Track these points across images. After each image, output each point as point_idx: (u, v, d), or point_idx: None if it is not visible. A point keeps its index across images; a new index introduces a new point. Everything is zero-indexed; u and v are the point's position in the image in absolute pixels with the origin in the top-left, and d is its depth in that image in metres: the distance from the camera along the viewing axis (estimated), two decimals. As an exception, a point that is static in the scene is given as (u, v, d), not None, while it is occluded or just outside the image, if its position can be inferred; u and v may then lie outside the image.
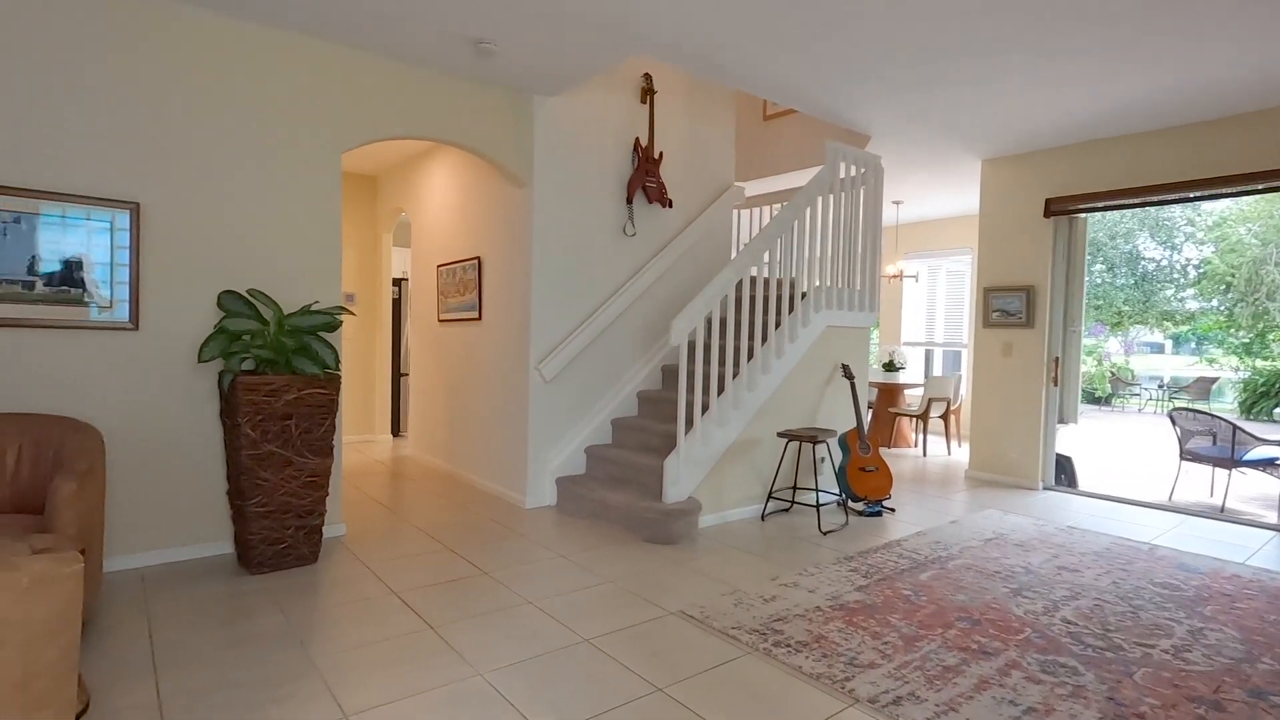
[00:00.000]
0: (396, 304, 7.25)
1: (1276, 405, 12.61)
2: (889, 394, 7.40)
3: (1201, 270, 14.36)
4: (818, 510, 4.12)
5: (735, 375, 4.42)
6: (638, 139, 4.79)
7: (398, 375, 7.26)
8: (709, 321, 5.18)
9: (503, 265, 4.72)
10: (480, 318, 5.00)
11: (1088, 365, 15.85)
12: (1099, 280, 15.68)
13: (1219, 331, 15.71)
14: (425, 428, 5.92)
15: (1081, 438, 9.37)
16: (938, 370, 9.39)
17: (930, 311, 9.26)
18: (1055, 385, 5.40)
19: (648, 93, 4.83)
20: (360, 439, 6.89)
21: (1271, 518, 4.91)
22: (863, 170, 4.92)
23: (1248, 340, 14.70)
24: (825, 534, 4.04)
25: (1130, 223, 14.88)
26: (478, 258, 5.00)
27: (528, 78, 4.10)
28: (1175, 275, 15.16)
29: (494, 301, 4.84)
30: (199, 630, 2.56)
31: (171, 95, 3.20)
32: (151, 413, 3.22)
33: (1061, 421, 5.61)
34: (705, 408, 4.36)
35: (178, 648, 2.42)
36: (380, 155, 6.19)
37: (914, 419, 7.12)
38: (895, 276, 7.78)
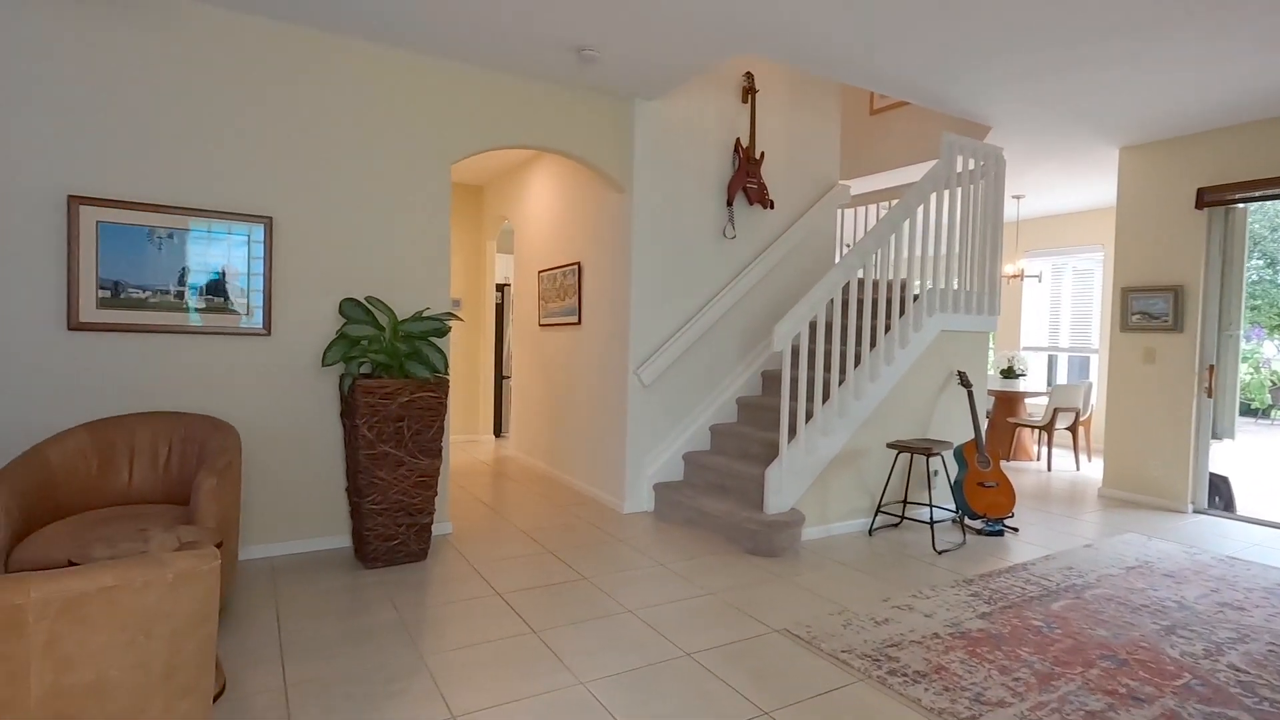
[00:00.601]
0: (500, 309, 7.49)
1: None
2: (1008, 403, 6.88)
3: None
4: (931, 527, 3.86)
5: (841, 382, 4.23)
6: (738, 139, 4.69)
7: (500, 378, 7.49)
8: (813, 326, 4.99)
9: (602, 270, 4.75)
10: (580, 322, 5.05)
11: (1244, 373, 14.16)
12: (1255, 277, 13.97)
13: None
14: (526, 429, 6.06)
15: (1240, 455, 8.37)
16: (1061, 378, 8.66)
17: (1054, 314, 8.55)
18: (1209, 396, 4.81)
19: (749, 92, 4.72)
20: (465, 439, 7.16)
21: None
22: (982, 164, 4.59)
23: None
24: (940, 553, 3.78)
25: (1296, 212, 13.13)
26: (577, 263, 5.06)
27: (629, 83, 4.09)
28: (1353, 271, 13.24)
29: (593, 306, 4.87)
30: (321, 621, 2.70)
31: (296, 114, 3.43)
32: (281, 413, 3.45)
33: (1216, 437, 5.00)
34: (809, 415, 4.20)
35: (302, 637, 2.55)
36: (485, 165, 6.40)
37: (1036, 430, 6.58)
38: (1015, 276, 7.23)
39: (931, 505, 3.98)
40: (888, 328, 4.53)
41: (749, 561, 3.55)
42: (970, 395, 4.40)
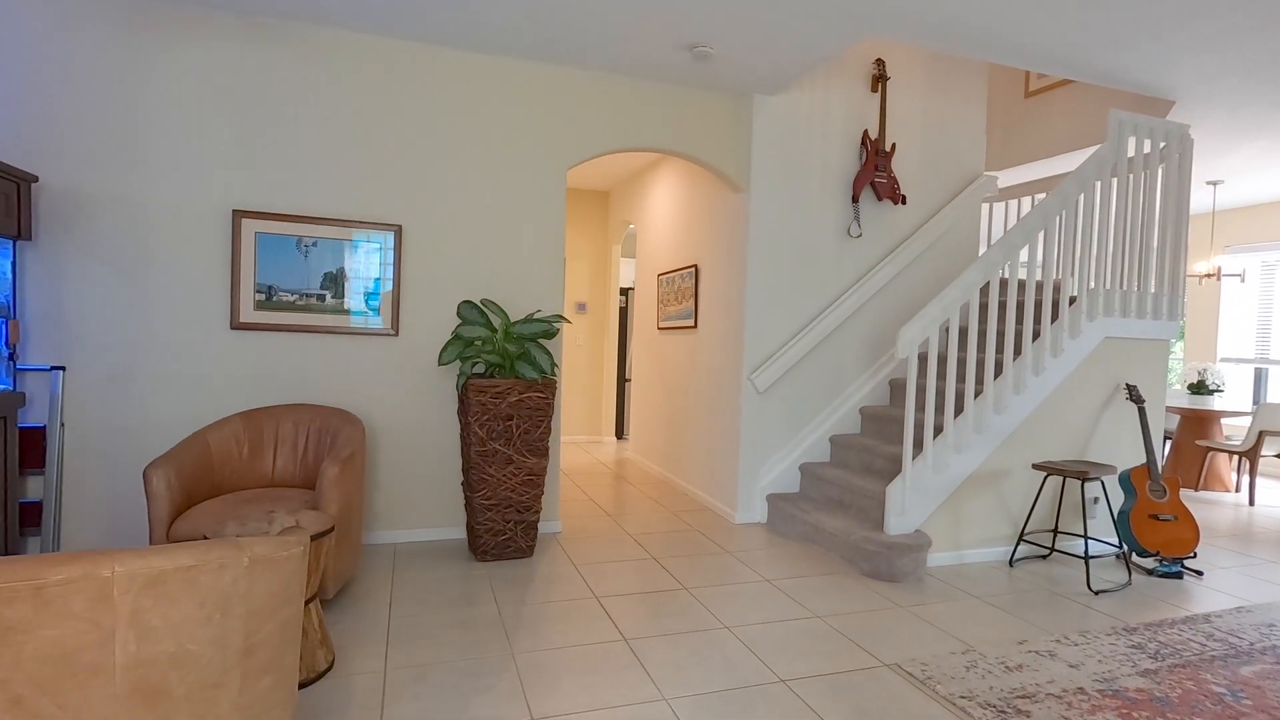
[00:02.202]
0: (624, 312, 7.58)
1: None
2: (1197, 423, 5.90)
3: None
4: (1086, 563, 3.36)
5: (979, 394, 3.81)
6: (865, 131, 4.39)
7: (623, 380, 7.57)
8: (947, 331, 4.55)
9: (719, 272, 4.64)
10: (696, 326, 4.96)
11: None
12: None
13: None
14: (644, 433, 6.07)
15: None
16: (1274, 395, 7.30)
17: (1263, 319, 7.24)
18: None
19: (879, 80, 4.40)
20: (588, 439, 7.31)
21: None
22: (1162, 145, 3.95)
23: None
24: (1097, 593, 3.28)
25: None
26: (694, 265, 4.98)
27: (746, 78, 3.96)
28: None
29: (709, 309, 4.77)
30: (429, 608, 2.82)
31: (422, 128, 3.64)
32: (407, 409, 3.67)
33: None
34: (940, 430, 3.82)
35: (409, 622, 2.68)
36: (610, 171, 6.50)
37: (1236, 456, 5.58)
38: (1210, 275, 6.20)
39: (1087, 537, 3.47)
40: (1037, 334, 4.03)
41: (865, 585, 3.29)
42: (1142, 412, 3.80)
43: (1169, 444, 6.22)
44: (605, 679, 2.29)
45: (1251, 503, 5.33)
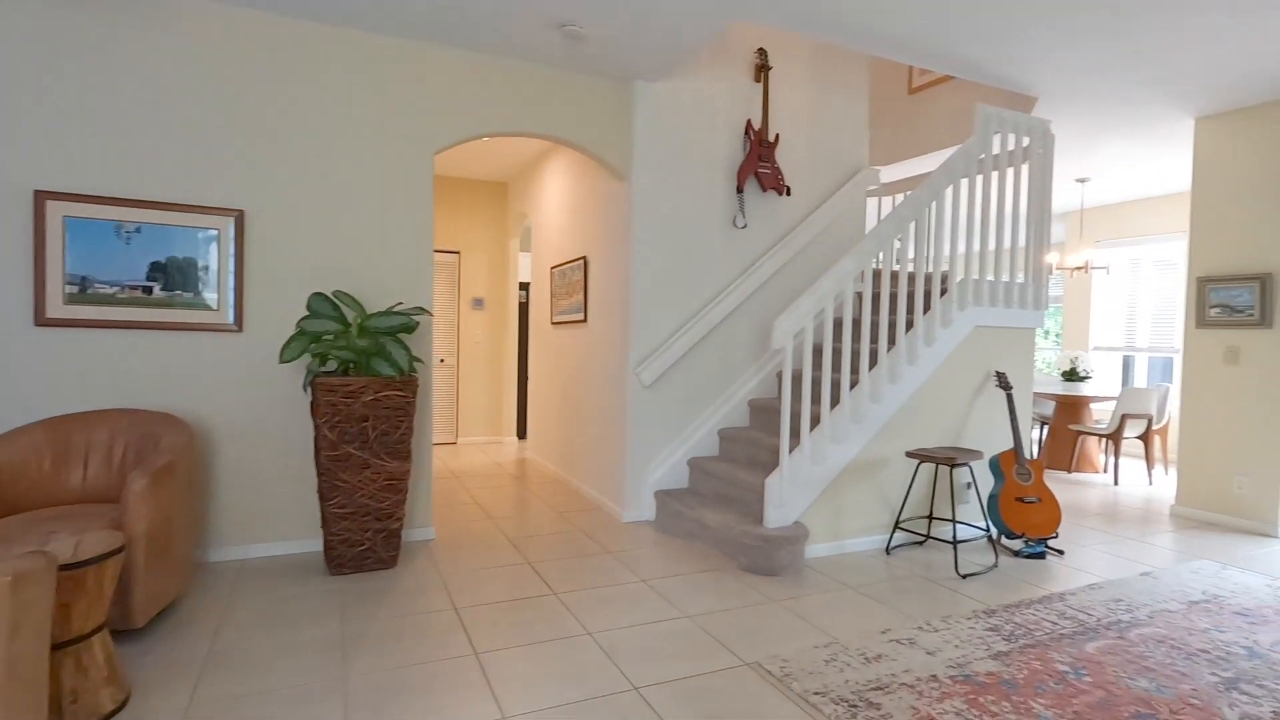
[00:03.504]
0: (524, 308, 7.35)
1: None
2: (1071, 408, 6.23)
3: None
4: (955, 548, 3.42)
5: (854, 384, 3.83)
6: (749, 121, 4.35)
7: (524, 378, 7.35)
8: (838, 323, 4.59)
9: (606, 264, 4.50)
10: (586, 320, 4.82)
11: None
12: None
13: None
14: (542, 432, 5.88)
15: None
16: (1140, 380, 7.83)
17: (1131, 310, 7.74)
18: (1305, 402, 4.14)
19: (761, 69, 4.38)
20: (488, 440, 7.05)
21: None
22: (1025, 139, 4.09)
23: None
24: (965, 577, 3.34)
25: None
26: (583, 257, 4.83)
27: (625, 63, 3.83)
28: None
29: (598, 303, 4.63)
30: (263, 631, 2.55)
31: (269, 105, 3.33)
32: (254, 411, 3.35)
33: (1316, 450, 4.30)
34: (819, 420, 3.81)
35: (235, 648, 2.41)
36: (507, 161, 6.27)
37: (1103, 439, 5.91)
38: (1080, 269, 6.55)
39: (955, 522, 3.53)
40: (910, 324, 4.09)
41: (743, 581, 3.22)
42: (1010, 399, 3.92)
43: (1045, 429, 6.54)
44: (442, 699, 2.11)
45: (1116, 482, 5.65)
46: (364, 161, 3.52)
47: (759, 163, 4.35)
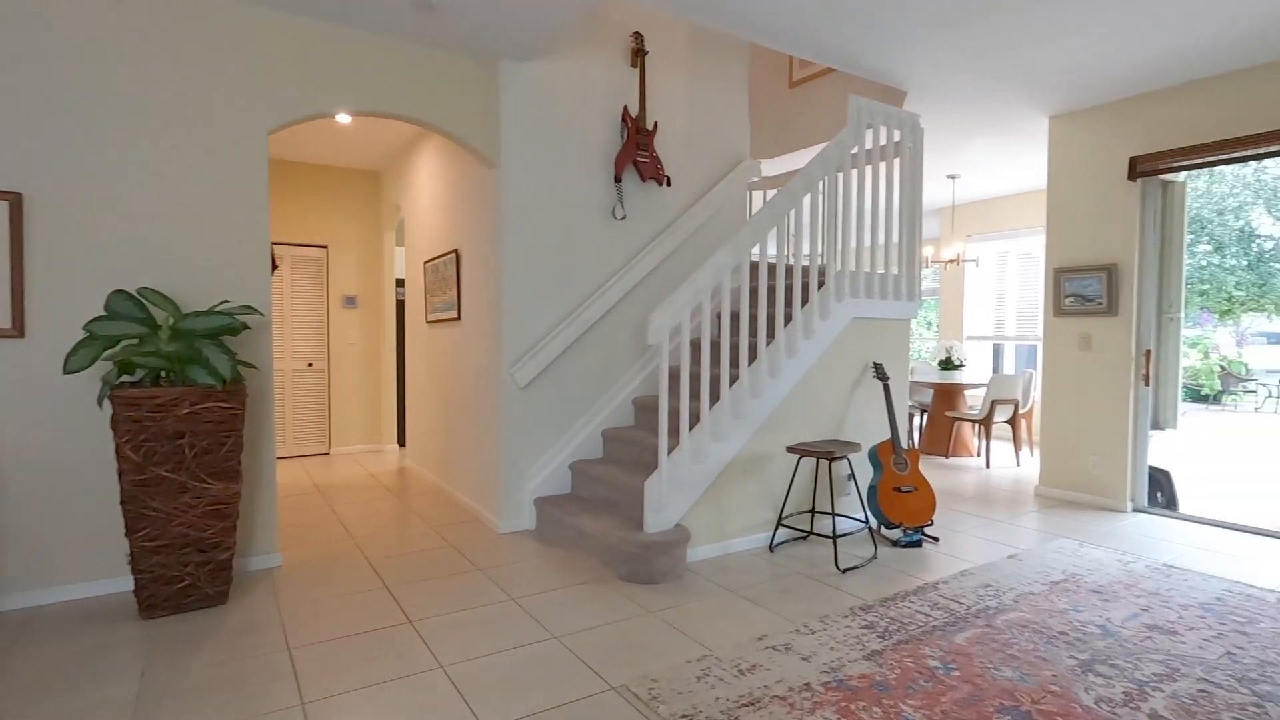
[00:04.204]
0: (401, 306, 6.89)
1: None
2: (947, 396, 6.49)
3: (1331, 247, 12.45)
4: (834, 543, 3.38)
5: (734, 380, 3.74)
6: (625, 108, 4.17)
7: (403, 382, 6.89)
8: (720, 317, 4.49)
9: (478, 258, 4.20)
10: (459, 318, 4.50)
11: (1191, 359, 14.10)
12: (1204, 262, 13.91)
13: (1354, 317, 13.64)
14: (421, 438, 5.49)
15: (1182, 446, 8.12)
16: (1009, 368, 8.32)
17: (999, 300, 8.21)
18: (1146, 384, 4.43)
19: (638, 54, 4.21)
20: (366, 449, 6.55)
21: None
22: (897, 132, 4.13)
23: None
24: (844, 571, 3.31)
25: (1243, 195, 13.09)
26: (455, 251, 4.50)
27: (489, 39, 3.55)
28: (1298, 254, 13.24)
29: (472, 299, 4.32)
30: (38, 698, 2.12)
31: (60, 70, 2.82)
32: (41, 432, 2.84)
33: (1156, 427, 4.63)
34: (700, 418, 3.69)
35: (-11, 725, 1.97)
36: (379, 148, 5.81)
37: (976, 424, 6.19)
38: (953, 261, 6.84)
39: (834, 515, 3.51)
40: (789, 318, 4.05)
41: (621, 592, 3.04)
42: (887, 389, 3.95)
43: (925, 416, 6.79)
44: (246, 769, 1.78)
45: (988, 465, 5.92)
46: (183, 140, 3.06)
47: (637, 151, 4.18)
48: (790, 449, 3.51)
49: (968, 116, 4.82)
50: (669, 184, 4.35)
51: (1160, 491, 4.58)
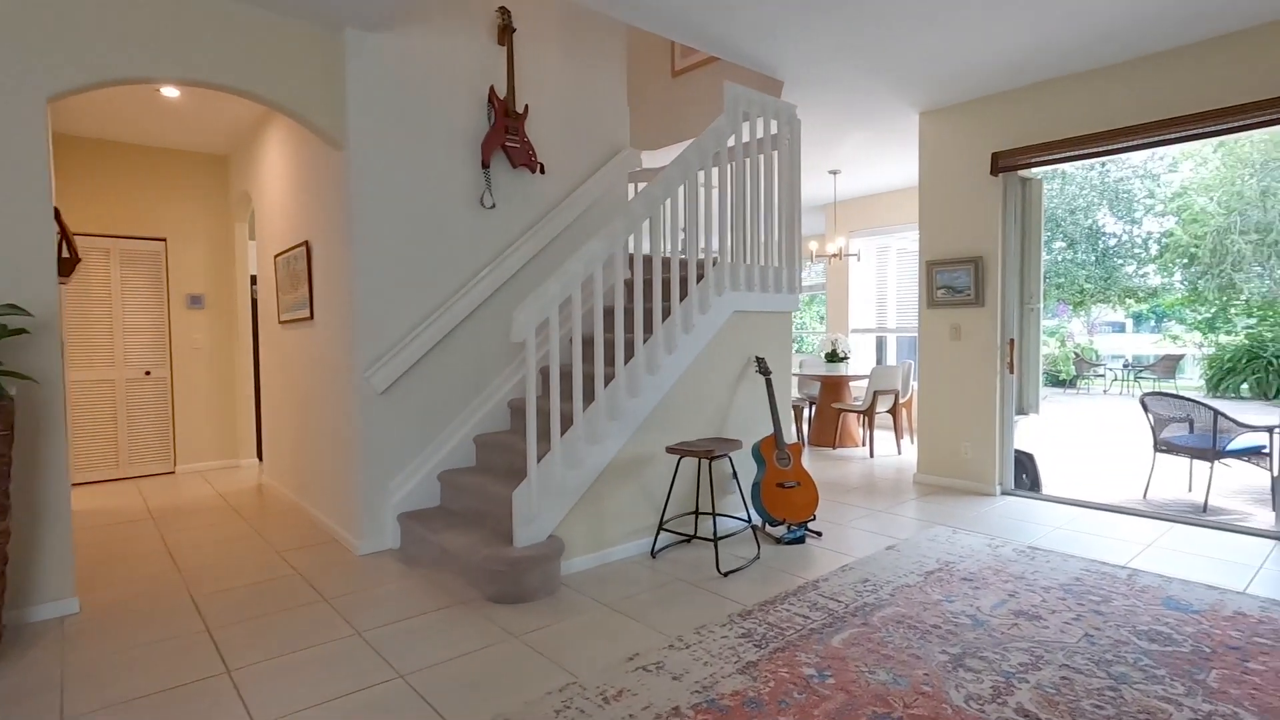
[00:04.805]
0: (256, 305, 6.24)
1: (1243, 381, 12.14)
2: (833, 388, 6.60)
3: (1163, 244, 13.88)
4: (715, 545, 3.25)
5: (609, 380, 3.54)
6: (492, 88, 3.88)
7: (260, 389, 6.25)
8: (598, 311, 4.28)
9: (330, 250, 3.78)
10: (312, 317, 4.05)
11: (1050, 347, 15.33)
12: (1060, 258, 15.15)
13: (1181, 308, 15.29)
14: (277, 452, 4.95)
15: (1044, 429, 8.71)
16: (892, 359, 8.64)
17: (881, 294, 8.50)
18: (1011, 372, 4.61)
19: (505, 31, 3.92)
20: (219, 466, 5.88)
21: (1262, 517, 4.18)
22: (774, 122, 4.06)
23: (1210, 315, 14.29)
24: (726, 575, 3.18)
25: (1090, 195, 14.34)
26: (305, 243, 4.05)
27: (332, 4, 3.16)
28: (1136, 250, 14.68)
29: (324, 297, 3.89)
30: None
31: None
32: None
33: (1021, 413, 4.84)
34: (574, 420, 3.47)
35: None
36: (224, 128, 5.19)
37: (860, 415, 6.32)
38: (836, 256, 6.97)
39: (716, 516, 3.38)
40: (668, 312, 3.90)
41: (486, 614, 2.76)
42: (769, 384, 3.87)
43: (814, 408, 6.88)
44: None
45: (872, 455, 6.05)
46: (-79, 102, 2.50)
47: (506, 135, 3.89)
48: (670, 449, 3.34)
49: (844, 110, 4.86)
50: (542, 171, 4.10)
51: (1025, 474, 4.80)
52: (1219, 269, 12.63)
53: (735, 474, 3.49)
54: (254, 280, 6.12)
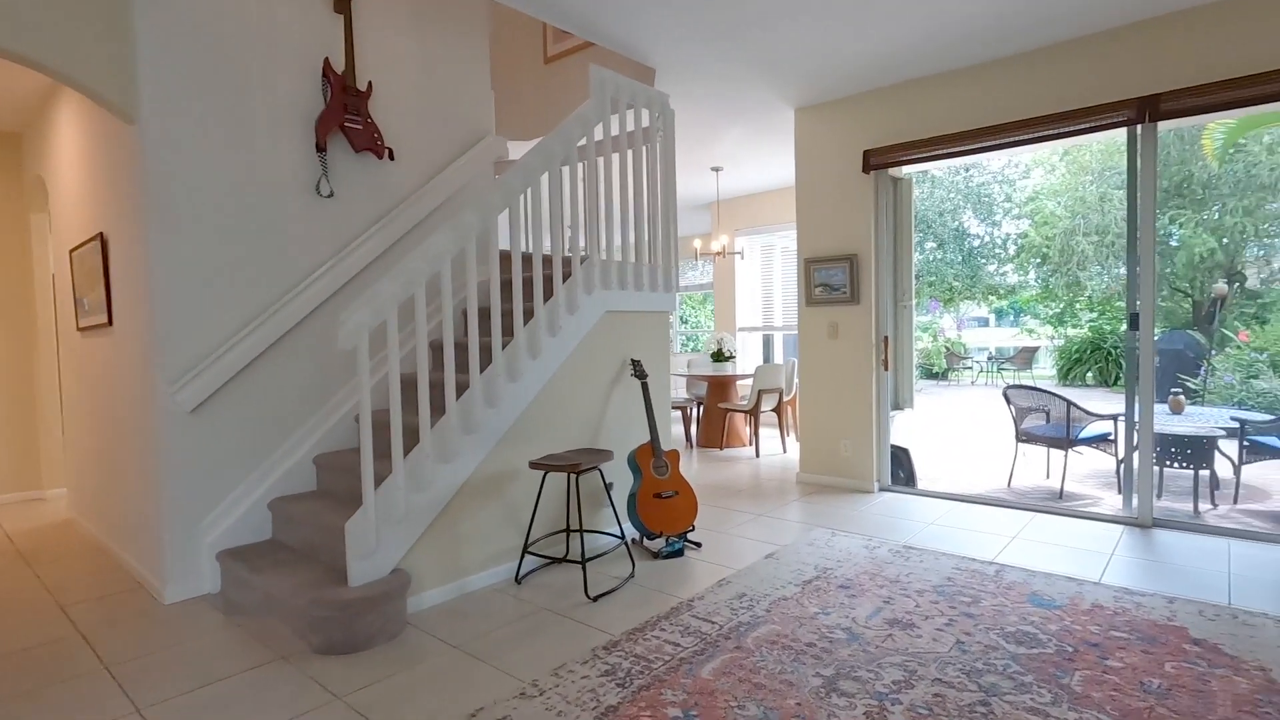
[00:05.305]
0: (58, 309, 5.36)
1: (1088, 370, 13.32)
2: (720, 388, 6.51)
3: (1020, 245, 15.03)
4: (583, 568, 2.97)
5: (460, 392, 3.19)
6: (327, 61, 3.42)
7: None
8: (443, 315, 3.91)
9: (127, 243, 3.19)
10: (110, 322, 3.42)
11: (924, 341, 16.25)
12: (931, 257, 16.09)
13: (1035, 303, 16.64)
14: (82, 482, 4.21)
15: (918, 423, 9.09)
16: (779, 358, 8.73)
17: (768, 292, 8.56)
18: (886, 369, 4.64)
19: (342, -4, 3.47)
20: (19, 499, 4.99)
21: (1110, 500, 4.42)
22: (645, 111, 3.84)
23: (1059, 310, 15.61)
24: (596, 599, 2.92)
25: (956, 199, 15.30)
26: (100, 234, 3.42)
27: (97, -57, 2.62)
28: (997, 250, 15.82)
29: (123, 298, 3.29)
30: None
31: None
32: None
33: (897, 408, 4.90)
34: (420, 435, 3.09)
35: None
36: (14, 101, 4.35)
37: (746, 415, 6.26)
38: (719, 254, 6.90)
39: (583, 534, 3.12)
40: (528, 314, 3.60)
41: (311, 671, 2.35)
42: (645, 388, 3.65)
43: (701, 409, 6.78)
44: None
45: (758, 455, 6.00)
46: None
47: (346, 115, 3.44)
48: (533, 464, 3.04)
49: (720, 103, 4.73)
50: (392, 157, 3.67)
51: (902, 469, 4.86)
52: (1066, 267, 13.81)
53: (607, 486, 3.23)
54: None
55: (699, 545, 3.58)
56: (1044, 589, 2.88)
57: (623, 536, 3.25)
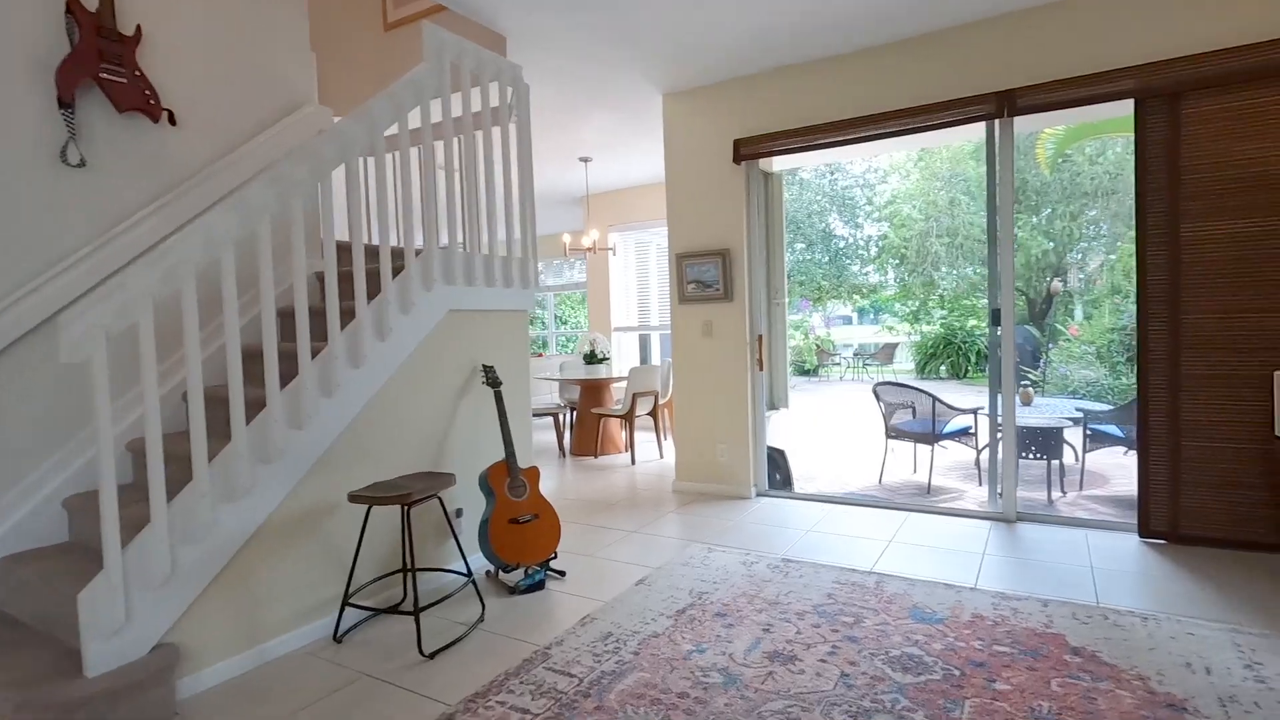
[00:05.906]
0: None
1: (942, 364, 14.24)
2: (593, 392, 6.13)
3: (880, 246, 15.87)
4: (416, 619, 2.47)
5: (254, 411, 2.59)
6: (72, -8, 2.68)
7: None
8: (225, 318, 3.26)
9: None
10: None
11: (796, 340, 16.78)
12: (801, 258, 16.63)
13: (894, 302, 17.67)
14: None
15: (793, 422, 9.20)
16: (657, 359, 8.49)
17: (643, 291, 8.30)
18: (761, 369, 4.45)
19: (92, -87, 2.73)
20: None
21: (974, 493, 4.48)
22: (495, 83, 3.38)
23: (915, 308, 16.65)
24: (432, 656, 2.43)
25: (823, 201, 15.90)
26: None
27: None
28: (860, 251, 16.62)
29: None
30: None
31: None
32: None
33: (772, 408, 4.74)
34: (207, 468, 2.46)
35: None
36: None
37: (621, 420, 5.93)
38: (590, 249, 6.53)
39: (415, 573, 2.62)
40: (347, 315, 3.04)
41: (12, 803, 1.70)
42: (499, 396, 3.19)
43: (574, 415, 6.38)
44: None
45: (633, 462, 5.68)
46: None
47: (103, 64, 2.72)
48: (353, 497, 2.50)
49: (582, 85, 4.35)
50: (172, 121, 2.97)
51: (779, 472, 4.70)
52: (922, 268, 14.70)
53: (449, 517, 2.75)
54: None
55: (563, 574, 3.17)
56: (924, 600, 2.72)
57: (469, 574, 2.76)
